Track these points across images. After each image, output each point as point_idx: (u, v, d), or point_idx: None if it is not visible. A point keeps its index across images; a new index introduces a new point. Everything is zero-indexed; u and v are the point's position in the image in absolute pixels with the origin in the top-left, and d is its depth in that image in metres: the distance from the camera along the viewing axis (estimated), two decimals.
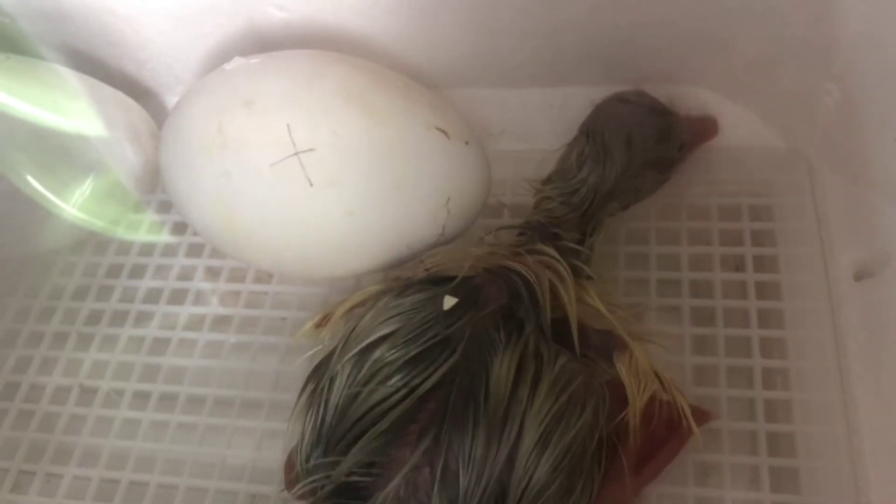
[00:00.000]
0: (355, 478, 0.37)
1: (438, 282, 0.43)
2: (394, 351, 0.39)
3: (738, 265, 0.55)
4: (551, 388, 0.38)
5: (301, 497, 0.40)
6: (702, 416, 0.48)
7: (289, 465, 0.44)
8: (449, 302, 0.40)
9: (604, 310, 0.44)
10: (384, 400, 0.38)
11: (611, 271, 0.54)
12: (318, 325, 0.47)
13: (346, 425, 0.38)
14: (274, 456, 0.51)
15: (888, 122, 0.47)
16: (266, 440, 0.52)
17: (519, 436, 0.37)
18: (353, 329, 0.42)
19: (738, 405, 0.49)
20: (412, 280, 0.44)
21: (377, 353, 0.39)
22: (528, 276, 0.42)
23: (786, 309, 0.52)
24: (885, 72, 0.45)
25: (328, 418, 0.39)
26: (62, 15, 0.59)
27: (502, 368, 0.38)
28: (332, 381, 0.40)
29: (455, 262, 0.45)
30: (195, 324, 0.59)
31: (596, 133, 0.50)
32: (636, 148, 0.49)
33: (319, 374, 0.42)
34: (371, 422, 0.38)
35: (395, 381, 0.38)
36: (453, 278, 0.42)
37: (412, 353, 0.39)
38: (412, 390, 0.38)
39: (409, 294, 0.42)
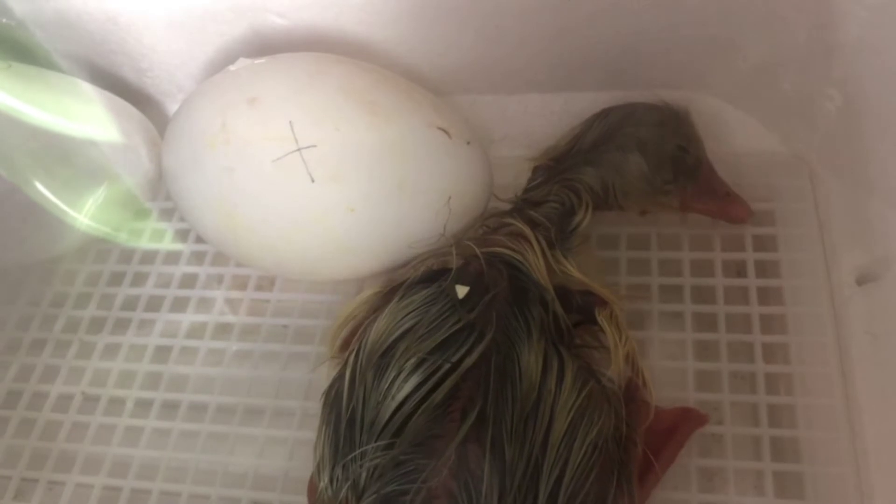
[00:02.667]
0: (404, 457, 0.38)
1: (435, 276, 0.44)
2: (417, 343, 0.40)
3: (740, 270, 0.55)
4: (573, 383, 0.40)
5: None
6: (697, 418, 0.48)
7: (311, 487, 0.44)
8: (462, 290, 0.42)
9: (576, 273, 0.46)
10: (421, 385, 0.39)
11: (613, 277, 0.54)
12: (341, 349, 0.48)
13: (382, 420, 0.39)
14: (276, 463, 0.51)
15: (889, 127, 0.47)
16: (268, 447, 0.52)
17: (550, 422, 0.38)
18: (367, 338, 0.42)
19: (742, 410, 0.49)
20: (412, 280, 0.45)
21: (401, 348, 0.41)
22: (514, 255, 0.45)
23: (788, 314, 0.52)
24: (886, 77, 0.45)
25: (362, 423, 0.40)
26: (64, 24, 0.59)
27: (531, 355, 0.40)
28: (352, 385, 0.41)
29: (437, 257, 0.46)
30: (197, 331, 0.59)
31: (612, 106, 0.51)
32: (632, 120, 0.50)
33: (339, 389, 0.42)
34: (412, 409, 0.39)
35: (427, 366, 0.39)
36: (446, 271, 0.44)
37: (439, 340, 0.40)
38: (453, 367, 0.39)
39: (416, 291, 0.43)
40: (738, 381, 0.51)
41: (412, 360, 0.40)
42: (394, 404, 0.39)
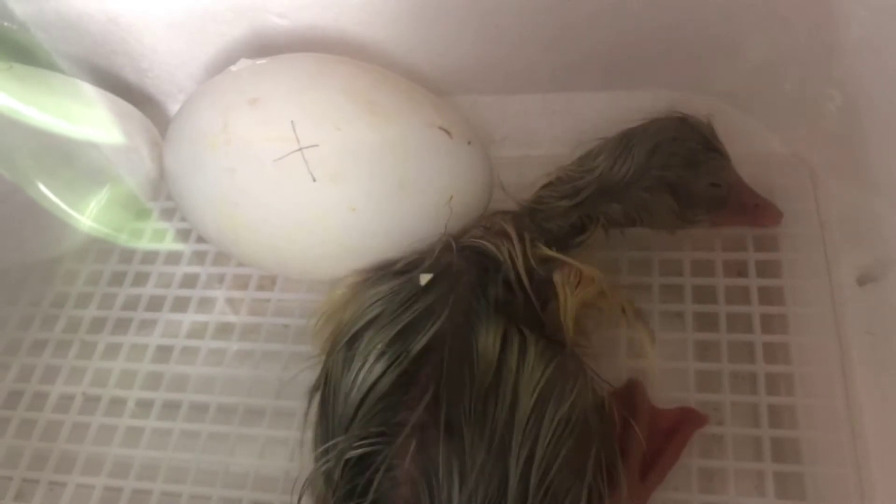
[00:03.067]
0: (367, 447, 0.38)
1: (406, 269, 0.45)
2: (381, 331, 0.41)
3: (741, 270, 0.55)
4: (538, 358, 0.40)
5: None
6: (697, 419, 0.48)
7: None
8: (425, 278, 0.42)
9: (550, 252, 0.45)
10: (384, 374, 0.39)
11: (614, 277, 0.54)
12: None
13: (349, 412, 0.39)
14: (277, 463, 0.51)
15: (890, 127, 0.47)
16: (269, 447, 0.52)
17: (514, 400, 0.38)
18: (338, 328, 0.43)
19: (742, 411, 0.49)
20: (385, 271, 0.46)
21: (366, 337, 0.41)
22: (487, 245, 0.45)
23: (789, 314, 0.52)
24: (887, 77, 0.45)
25: (334, 415, 0.40)
26: (64, 25, 0.59)
27: (488, 336, 0.40)
28: (327, 378, 0.42)
29: (420, 253, 0.46)
30: (198, 331, 0.59)
31: (631, 133, 0.49)
32: (658, 159, 0.47)
33: (319, 383, 0.43)
34: (375, 398, 0.39)
35: (389, 354, 0.40)
36: (420, 263, 0.44)
37: (399, 328, 0.40)
38: (407, 354, 0.39)
39: (385, 282, 0.44)
40: (738, 382, 0.50)
41: (376, 350, 0.40)
42: (359, 396, 0.39)
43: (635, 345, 0.50)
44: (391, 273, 0.45)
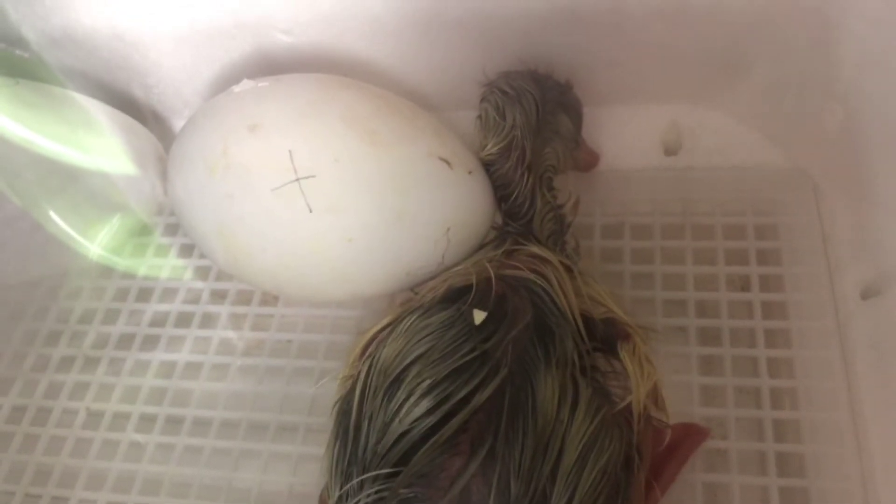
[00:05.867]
0: (406, 489, 0.36)
1: (456, 297, 0.43)
2: (430, 368, 0.39)
3: (744, 285, 0.55)
4: (586, 412, 0.39)
5: None
6: (699, 433, 0.48)
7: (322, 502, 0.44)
8: (479, 316, 0.41)
9: (607, 298, 0.45)
10: (428, 413, 0.38)
11: (617, 290, 0.54)
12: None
13: (387, 442, 0.38)
14: (280, 479, 0.51)
15: (892, 140, 0.47)
16: (272, 463, 0.52)
17: (560, 453, 0.37)
18: (381, 355, 0.41)
19: (746, 425, 0.49)
20: (432, 299, 0.44)
21: (413, 372, 0.39)
22: (541, 283, 0.43)
23: (792, 328, 0.52)
24: (888, 90, 0.45)
25: (367, 441, 0.39)
26: (70, 41, 0.60)
27: (547, 389, 0.39)
28: (362, 405, 0.40)
29: (461, 276, 0.45)
30: (201, 347, 0.59)
31: (501, 85, 0.53)
32: (543, 83, 0.53)
33: (349, 403, 0.42)
34: (419, 436, 0.37)
35: (437, 393, 0.38)
36: (469, 289, 0.43)
37: (451, 368, 0.39)
38: (461, 403, 0.38)
39: (434, 313, 0.42)
40: (742, 396, 0.50)
41: (424, 385, 0.38)
42: (401, 428, 0.38)
43: None
44: (439, 302, 0.43)
